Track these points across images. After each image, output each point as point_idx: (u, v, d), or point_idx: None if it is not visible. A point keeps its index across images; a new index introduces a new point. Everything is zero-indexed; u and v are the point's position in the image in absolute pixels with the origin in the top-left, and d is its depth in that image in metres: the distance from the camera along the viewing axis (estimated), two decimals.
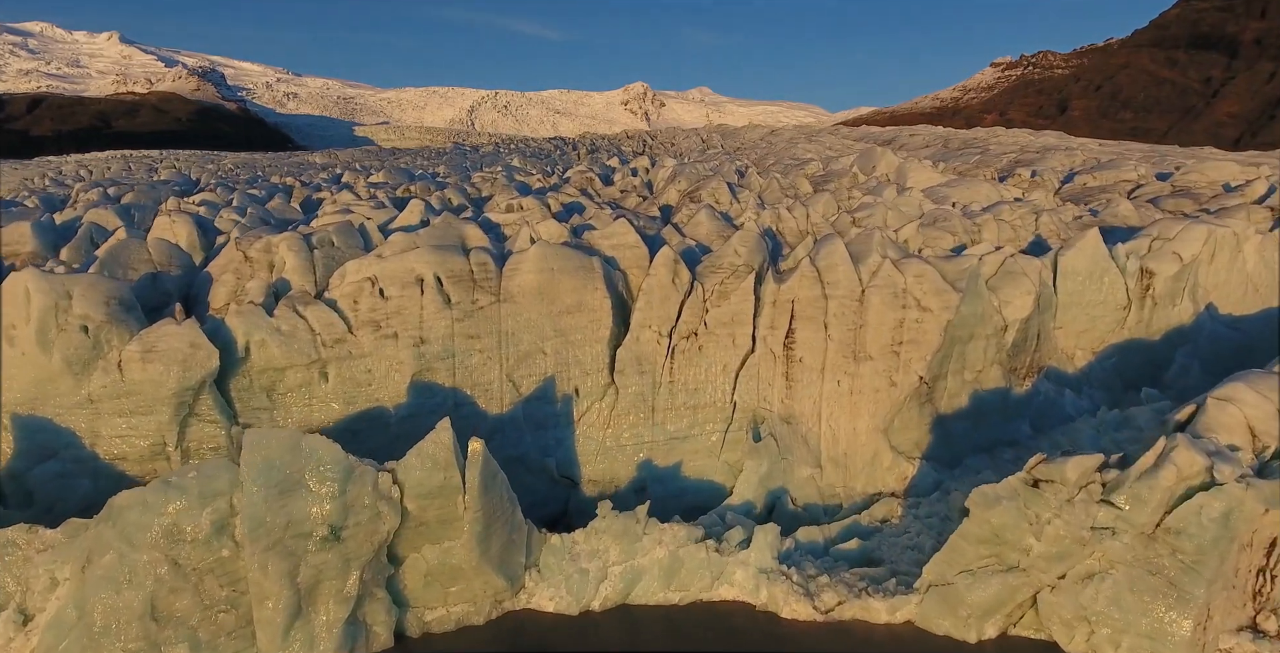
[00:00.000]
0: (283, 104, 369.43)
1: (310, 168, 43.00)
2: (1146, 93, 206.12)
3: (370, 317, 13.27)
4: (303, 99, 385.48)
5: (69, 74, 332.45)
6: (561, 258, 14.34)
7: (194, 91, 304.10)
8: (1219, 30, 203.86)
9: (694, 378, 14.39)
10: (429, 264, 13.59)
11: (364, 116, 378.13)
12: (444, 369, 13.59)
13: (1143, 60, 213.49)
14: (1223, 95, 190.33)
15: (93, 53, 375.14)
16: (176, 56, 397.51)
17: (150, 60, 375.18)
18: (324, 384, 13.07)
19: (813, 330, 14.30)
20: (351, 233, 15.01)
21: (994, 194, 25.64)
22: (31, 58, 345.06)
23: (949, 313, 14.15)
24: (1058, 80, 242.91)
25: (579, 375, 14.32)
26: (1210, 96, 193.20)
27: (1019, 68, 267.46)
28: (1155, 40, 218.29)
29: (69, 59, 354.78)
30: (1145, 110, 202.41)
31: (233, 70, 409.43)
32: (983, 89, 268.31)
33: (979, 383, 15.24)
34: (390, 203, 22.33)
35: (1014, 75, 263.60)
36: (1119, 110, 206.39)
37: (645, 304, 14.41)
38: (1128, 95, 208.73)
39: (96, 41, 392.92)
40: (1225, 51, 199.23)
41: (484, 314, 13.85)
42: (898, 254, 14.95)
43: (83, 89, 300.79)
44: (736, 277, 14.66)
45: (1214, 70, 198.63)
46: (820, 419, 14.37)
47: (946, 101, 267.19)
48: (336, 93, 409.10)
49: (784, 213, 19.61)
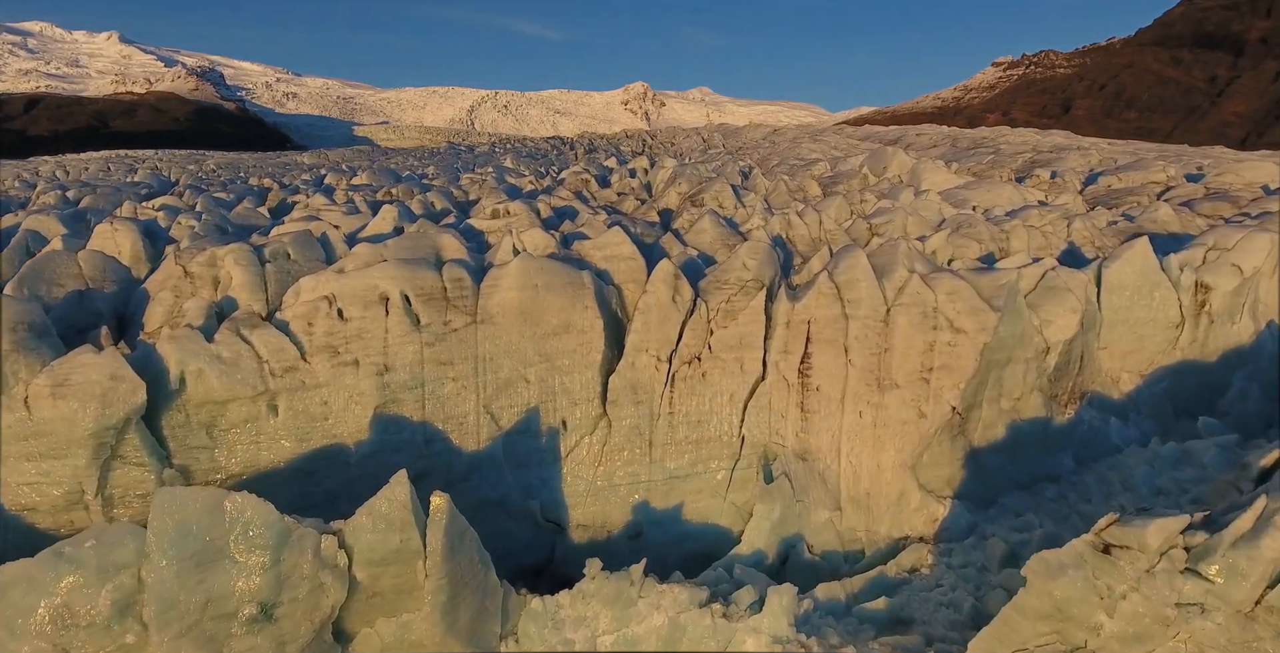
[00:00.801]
0: (282, 104, 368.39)
1: (295, 168, 41.33)
2: (1151, 92, 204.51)
3: (327, 341, 11.59)
4: (302, 99, 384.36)
5: (68, 74, 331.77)
6: (547, 272, 12.67)
7: (193, 91, 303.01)
8: (1224, 29, 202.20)
9: (697, 409, 12.71)
10: (395, 280, 11.91)
11: (364, 116, 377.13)
12: (412, 400, 11.91)
13: (1147, 59, 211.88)
14: (1228, 95, 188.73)
15: (92, 52, 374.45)
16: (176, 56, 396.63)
17: (150, 60, 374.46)
18: (273, 419, 11.39)
19: (831, 355, 12.62)
20: (311, 244, 13.32)
21: (1017, 197, 23.97)
22: (31, 57, 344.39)
23: (985, 335, 12.48)
24: (1060, 80, 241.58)
25: (566, 406, 12.64)
26: (1215, 96, 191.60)
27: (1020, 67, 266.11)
28: (1159, 39, 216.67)
29: (68, 59, 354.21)
30: (1150, 110, 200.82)
31: (232, 70, 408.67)
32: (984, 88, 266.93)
33: (1017, 412, 13.57)
34: (368, 207, 20.67)
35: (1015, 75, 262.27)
36: (1123, 110, 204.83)
37: (642, 325, 12.73)
38: (1132, 95, 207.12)
39: (96, 41, 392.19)
40: (1231, 50, 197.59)
41: (458, 337, 12.17)
42: (926, 268, 13.27)
43: (82, 89, 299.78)
44: (745, 293, 12.98)
45: (1219, 69, 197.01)
46: (840, 455, 12.70)
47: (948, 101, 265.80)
48: (336, 93, 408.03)
49: (794, 219, 17.93)
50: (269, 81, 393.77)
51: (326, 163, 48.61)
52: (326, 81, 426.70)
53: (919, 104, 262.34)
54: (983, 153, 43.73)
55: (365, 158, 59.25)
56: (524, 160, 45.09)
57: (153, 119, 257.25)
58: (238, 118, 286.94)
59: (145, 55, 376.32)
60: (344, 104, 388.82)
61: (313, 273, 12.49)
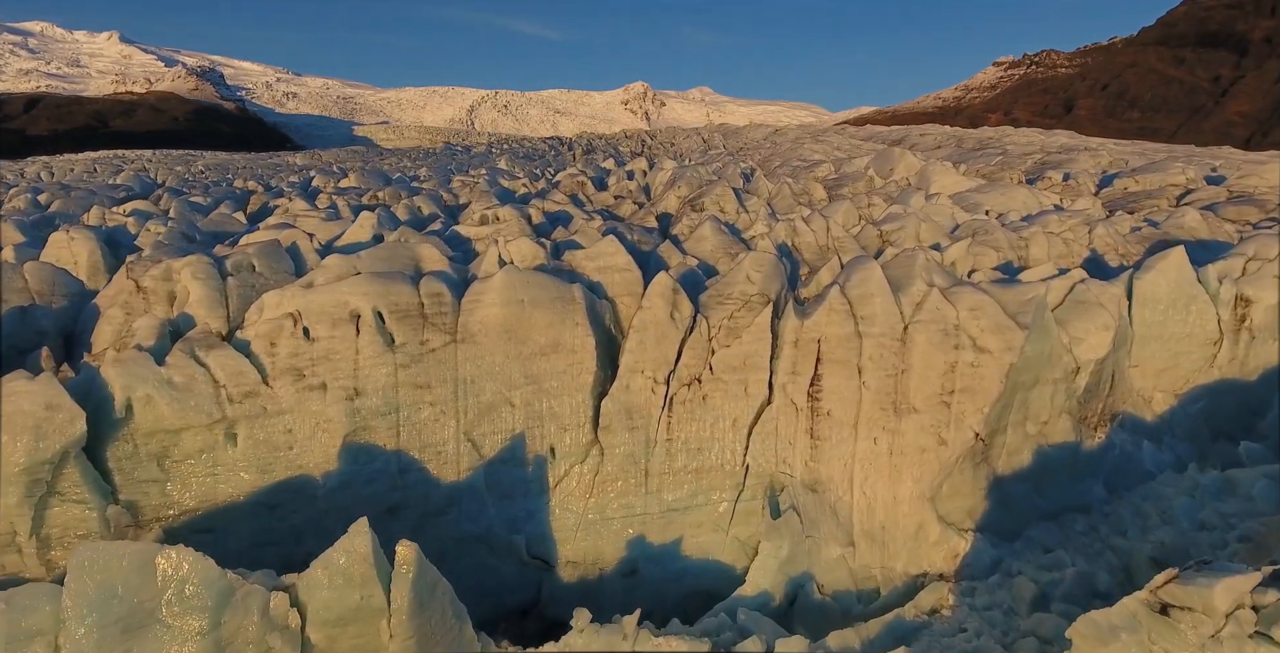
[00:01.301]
0: (282, 104, 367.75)
1: (285, 169, 40.31)
2: (1154, 92, 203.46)
3: (291, 363, 10.57)
4: (302, 99, 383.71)
5: (69, 74, 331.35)
6: (534, 286, 11.64)
7: (192, 91, 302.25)
8: (1228, 28, 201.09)
9: (697, 435, 11.67)
10: (366, 296, 10.89)
11: (363, 116, 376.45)
12: (385, 427, 10.88)
13: (1150, 59, 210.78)
14: (1232, 94, 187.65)
15: (93, 52, 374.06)
16: (176, 56, 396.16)
17: (150, 60, 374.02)
18: (231, 449, 10.36)
19: (844, 377, 11.59)
20: (278, 255, 12.29)
21: (1032, 201, 22.94)
22: (31, 57, 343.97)
23: (1012, 355, 11.44)
24: (1062, 79, 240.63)
25: (555, 432, 11.61)
26: (1219, 96, 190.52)
27: (1022, 67, 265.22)
28: (1162, 39, 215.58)
29: (69, 59, 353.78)
30: (1153, 110, 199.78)
31: (232, 70, 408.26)
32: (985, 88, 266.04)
33: (1044, 436, 12.53)
34: (351, 212, 19.65)
35: (1017, 74, 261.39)
36: (1126, 109, 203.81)
37: (637, 344, 11.69)
38: (1135, 94, 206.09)
39: (96, 41, 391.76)
40: (1234, 50, 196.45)
41: (436, 358, 11.14)
42: (946, 281, 12.23)
43: (82, 89, 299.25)
44: (749, 309, 11.95)
45: (1223, 69, 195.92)
46: (853, 486, 11.66)
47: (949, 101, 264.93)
48: (336, 92, 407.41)
49: (800, 225, 16.89)
50: (269, 81, 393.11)
51: (318, 164, 47.60)
52: (326, 81, 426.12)
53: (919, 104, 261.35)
54: (990, 154, 42.70)
55: (359, 159, 58.22)
56: (519, 162, 44.06)
57: (152, 119, 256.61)
58: (237, 118, 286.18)
59: (146, 55, 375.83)
60: (344, 104, 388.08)
61: (280, 287, 11.47)
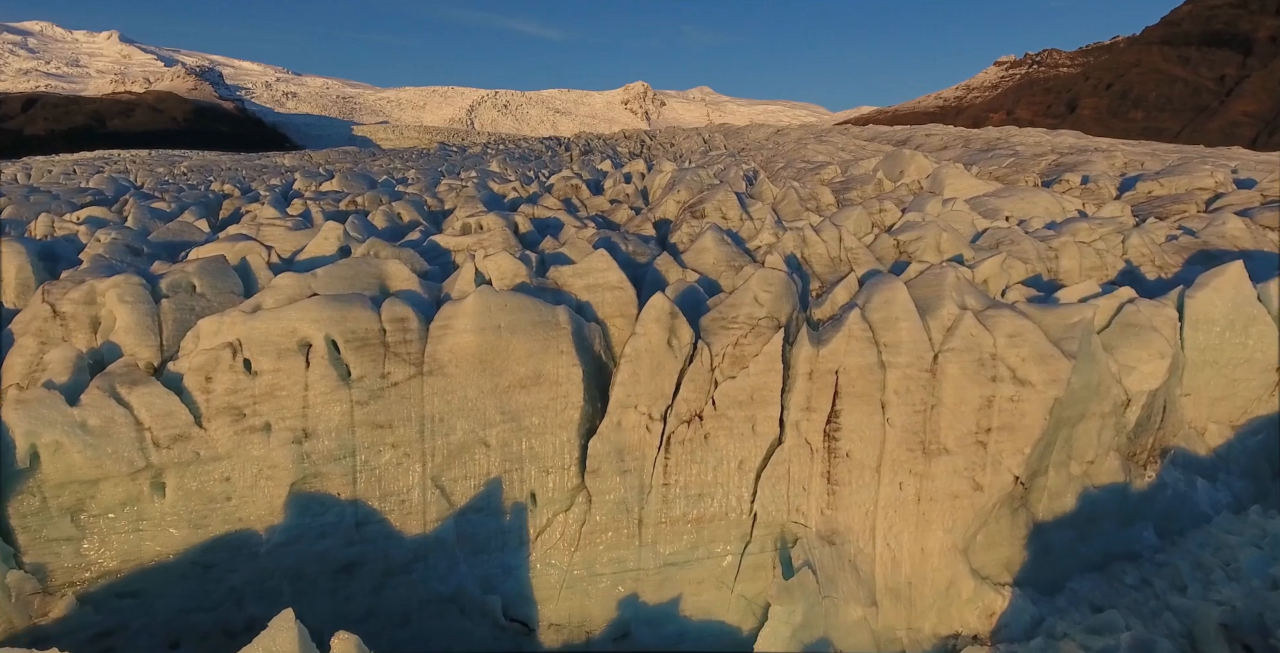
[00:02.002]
0: (281, 103, 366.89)
1: (271, 171, 38.89)
2: (1158, 91, 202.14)
3: (229, 401, 9.15)
4: (302, 98, 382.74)
5: (68, 73, 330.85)
6: (512, 309, 10.23)
7: (191, 91, 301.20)
8: (1232, 27, 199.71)
9: (698, 479, 10.25)
10: (318, 322, 9.47)
11: (363, 116, 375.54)
12: (339, 474, 9.46)
13: (1154, 58, 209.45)
14: (1237, 94, 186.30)
15: (92, 52, 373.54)
16: (176, 56, 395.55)
17: (150, 60, 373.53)
18: (158, 501, 8.95)
19: (865, 413, 10.17)
20: (224, 273, 10.86)
21: (1054, 206, 21.52)
22: (31, 57, 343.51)
23: (1057, 388, 10.03)
24: (1064, 79, 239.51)
25: (536, 476, 10.19)
26: (1224, 95, 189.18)
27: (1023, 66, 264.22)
28: (1166, 38, 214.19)
29: (68, 58, 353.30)
30: (1157, 109, 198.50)
31: (232, 69, 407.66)
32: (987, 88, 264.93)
33: (1089, 477, 11.12)
34: (326, 219, 18.24)
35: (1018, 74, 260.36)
36: (1130, 109, 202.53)
37: (630, 375, 10.27)
38: (1139, 94, 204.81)
39: (96, 41, 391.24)
40: (1239, 49, 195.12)
41: (399, 393, 9.72)
42: (980, 302, 10.81)
43: (81, 88, 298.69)
44: (757, 335, 10.53)
45: (1228, 68, 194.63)
46: (875, 537, 10.25)
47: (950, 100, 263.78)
48: (336, 92, 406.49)
49: (809, 234, 15.47)
50: (268, 81, 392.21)
51: (306, 165, 46.18)
52: (326, 81, 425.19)
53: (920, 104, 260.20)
54: (1000, 155, 41.24)
55: (349, 160, 56.75)
56: (514, 163, 42.63)
57: (150, 119, 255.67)
58: (236, 117, 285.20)
59: (145, 55, 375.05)
60: (343, 104, 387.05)
61: (223, 311, 10.05)
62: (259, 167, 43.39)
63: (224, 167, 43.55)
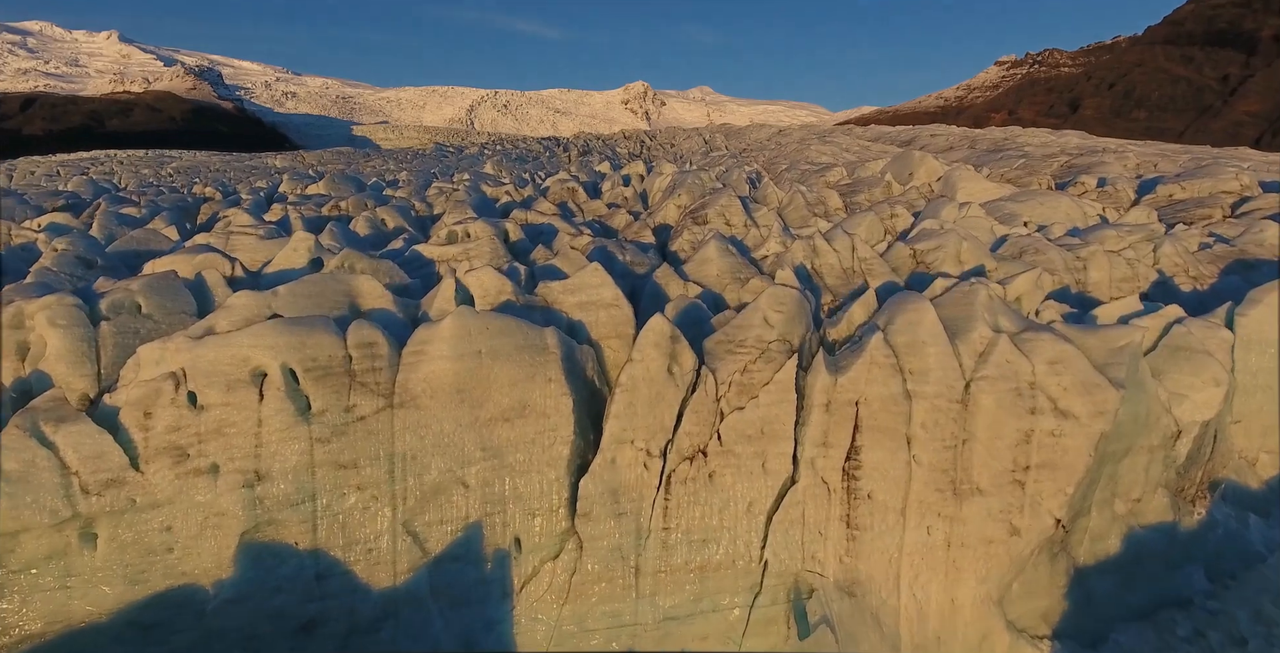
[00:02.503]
0: (281, 103, 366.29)
1: (260, 172, 37.78)
2: (1161, 91, 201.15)
3: (171, 440, 8.08)
4: (301, 98, 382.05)
5: (67, 73, 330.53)
6: (495, 332, 9.15)
7: (190, 91, 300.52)
8: (1236, 27, 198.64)
9: (702, 523, 9.17)
10: (273, 349, 8.39)
11: (363, 116, 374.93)
12: (297, 521, 8.39)
13: (1157, 58, 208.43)
14: (1241, 94, 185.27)
15: (91, 52, 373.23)
16: (176, 56, 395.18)
17: (149, 59, 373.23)
18: (89, 554, 7.88)
19: (889, 449, 9.09)
20: (175, 291, 9.77)
21: (1075, 212, 20.46)
22: (30, 57, 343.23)
23: (1103, 421, 8.95)
24: (1066, 79, 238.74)
25: (521, 520, 9.11)
26: (1228, 95, 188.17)
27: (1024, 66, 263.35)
28: (1169, 37, 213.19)
29: (68, 58, 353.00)
30: (1161, 109, 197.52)
31: (231, 69, 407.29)
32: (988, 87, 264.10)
33: (1134, 517, 10.05)
34: (305, 226, 17.19)
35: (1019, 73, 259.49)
36: (1133, 109, 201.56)
37: (626, 406, 9.19)
38: (1142, 94, 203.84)
39: (95, 41, 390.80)
40: (1243, 49, 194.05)
41: (366, 429, 8.64)
42: (1015, 324, 9.73)
43: (81, 88, 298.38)
44: (767, 360, 9.45)
45: (1231, 68, 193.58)
46: (900, 587, 9.17)
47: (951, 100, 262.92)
48: (335, 92, 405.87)
49: (820, 243, 14.40)
50: (268, 81, 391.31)
51: (298, 166, 45.08)
52: (326, 81, 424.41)
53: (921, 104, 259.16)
54: (1010, 156, 40.18)
55: (343, 161, 55.65)
56: (510, 164, 41.52)
57: (148, 118, 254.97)
58: (235, 117, 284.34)
59: (145, 54, 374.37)
60: (343, 103, 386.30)
61: (168, 336, 8.97)
62: (248, 168, 42.30)
63: (213, 168, 42.47)
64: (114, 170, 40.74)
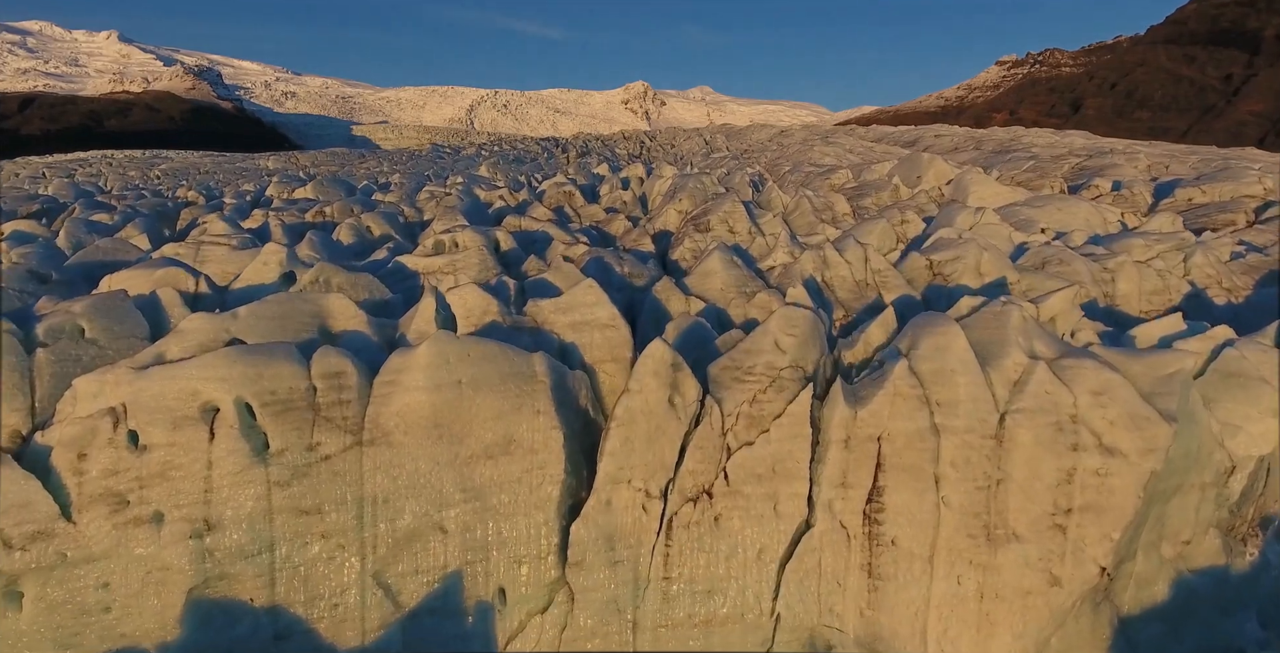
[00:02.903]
0: (280, 103, 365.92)
1: (250, 174, 36.85)
2: (1164, 91, 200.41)
3: (108, 485, 7.17)
4: (301, 98, 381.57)
5: (67, 73, 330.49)
6: (477, 359, 8.24)
7: (189, 91, 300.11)
8: (1239, 26, 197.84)
9: (707, 572, 8.25)
10: (226, 381, 7.48)
11: (362, 115, 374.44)
12: (253, 574, 7.47)
13: (1159, 58, 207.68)
14: (1244, 94, 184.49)
15: (91, 51, 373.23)
16: (175, 56, 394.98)
17: (149, 59, 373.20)
18: (14, 616, 6.97)
19: (915, 490, 8.17)
20: (125, 313, 8.84)
21: (1095, 217, 19.55)
22: (30, 56, 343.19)
23: (1154, 459, 8.04)
24: (1067, 78, 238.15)
25: (505, 568, 8.20)
26: (1231, 95, 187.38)
27: (1025, 66, 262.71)
28: (1172, 37, 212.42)
29: (67, 58, 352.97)
30: (1163, 109, 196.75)
31: (231, 69, 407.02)
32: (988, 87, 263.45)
33: (1183, 560, 9.12)
34: (285, 234, 16.28)
35: (1020, 73, 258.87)
36: (1135, 109, 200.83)
37: (622, 442, 8.27)
38: (1144, 94, 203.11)
39: (95, 41, 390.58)
40: (1246, 48, 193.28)
41: (331, 470, 7.73)
42: (1052, 348, 8.81)
43: (80, 88, 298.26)
44: (779, 389, 8.53)
45: (1235, 68, 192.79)
46: (928, 642, 8.25)
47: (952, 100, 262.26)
48: (335, 92, 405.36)
49: (830, 254, 13.49)
50: (268, 81, 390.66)
51: (290, 167, 44.16)
52: (326, 81, 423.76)
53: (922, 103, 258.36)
54: (1018, 157, 39.26)
55: (336, 162, 54.71)
56: (506, 166, 40.59)
57: (147, 118, 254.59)
58: (234, 117, 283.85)
59: (144, 54, 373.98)
60: (343, 103, 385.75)
61: (127, 359, 8.06)
62: (239, 170, 41.41)
63: (203, 169, 41.54)
64: (102, 172, 39.81)
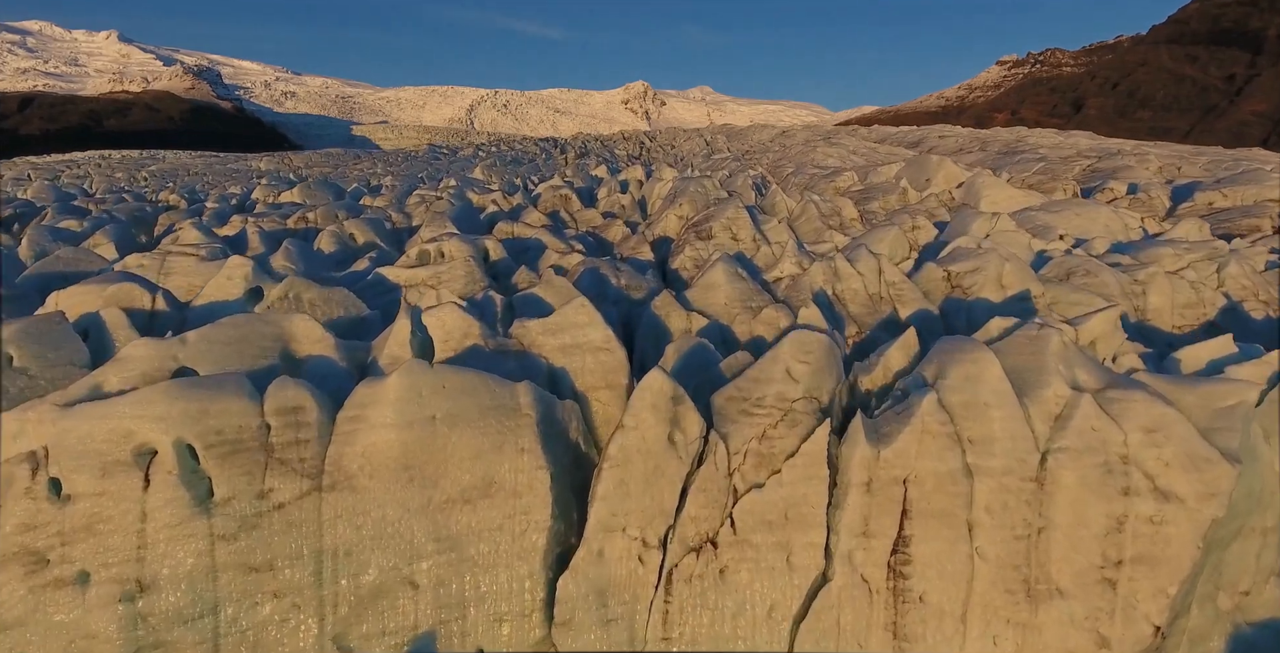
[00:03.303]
0: (280, 103, 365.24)
1: (240, 176, 35.93)
2: (1166, 91, 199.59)
3: (24, 542, 6.26)
4: (301, 98, 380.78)
5: (66, 73, 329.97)
6: (454, 391, 7.33)
7: (189, 90, 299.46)
8: (1241, 26, 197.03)
9: (712, 631, 7.34)
10: (165, 419, 6.57)
11: (362, 115, 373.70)
12: (194, 641, 6.56)
13: (1161, 57, 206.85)
14: (1246, 94, 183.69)
15: (91, 51, 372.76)
16: (175, 55, 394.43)
17: (149, 59, 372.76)
18: None
19: (946, 540, 7.26)
20: (61, 337, 7.93)
21: (1116, 223, 18.64)
22: (30, 56, 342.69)
23: (1215, 505, 7.13)
24: (1069, 78, 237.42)
25: (485, 627, 7.28)
26: (1233, 95, 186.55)
27: (1026, 66, 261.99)
28: (1174, 36, 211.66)
29: (67, 58, 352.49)
30: (1165, 109, 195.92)
31: (231, 69, 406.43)
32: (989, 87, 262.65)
33: (1242, 612, 8.20)
34: (263, 242, 15.36)
35: (1021, 73, 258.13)
36: (1137, 109, 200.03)
37: (616, 485, 7.36)
38: (1146, 94, 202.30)
39: (95, 40, 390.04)
40: (1248, 48, 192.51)
41: (286, 520, 6.82)
42: (1097, 378, 7.89)
43: (80, 88, 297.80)
44: (792, 424, 7.62)
45: (1237, 67, 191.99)
46: None
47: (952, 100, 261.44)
48: (335, 91, 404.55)
49: (841, 265, 12.57)
50: (268, 80, 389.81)
51: (282, 169, 43.25)
52: (326, 80, 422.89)
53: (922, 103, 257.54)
54: (1026, 159, 38.35)
55: (330, 163, 53.81)
56: (503, 168, 39.67)
57: (146, 118, 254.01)
58: (233, 117, 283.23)
59: (144, 54, 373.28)
60: (343, 103, 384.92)
61: (55, 394, 7.15)
62: (230, 171, 40.48)
63: (193, 171, 40.57)
64: (89, 173, 38.89)
